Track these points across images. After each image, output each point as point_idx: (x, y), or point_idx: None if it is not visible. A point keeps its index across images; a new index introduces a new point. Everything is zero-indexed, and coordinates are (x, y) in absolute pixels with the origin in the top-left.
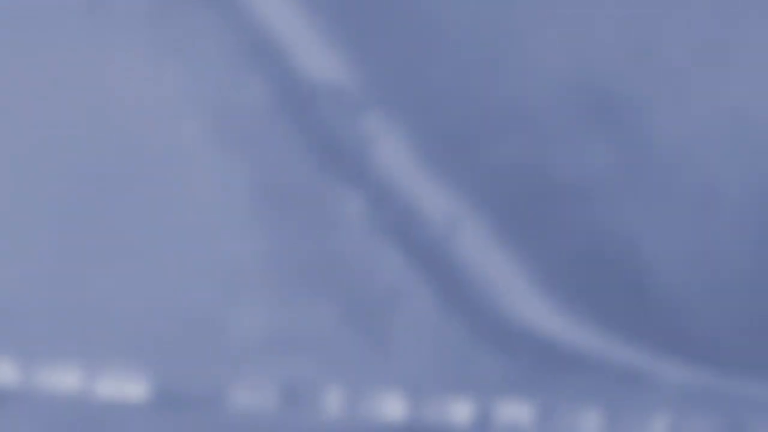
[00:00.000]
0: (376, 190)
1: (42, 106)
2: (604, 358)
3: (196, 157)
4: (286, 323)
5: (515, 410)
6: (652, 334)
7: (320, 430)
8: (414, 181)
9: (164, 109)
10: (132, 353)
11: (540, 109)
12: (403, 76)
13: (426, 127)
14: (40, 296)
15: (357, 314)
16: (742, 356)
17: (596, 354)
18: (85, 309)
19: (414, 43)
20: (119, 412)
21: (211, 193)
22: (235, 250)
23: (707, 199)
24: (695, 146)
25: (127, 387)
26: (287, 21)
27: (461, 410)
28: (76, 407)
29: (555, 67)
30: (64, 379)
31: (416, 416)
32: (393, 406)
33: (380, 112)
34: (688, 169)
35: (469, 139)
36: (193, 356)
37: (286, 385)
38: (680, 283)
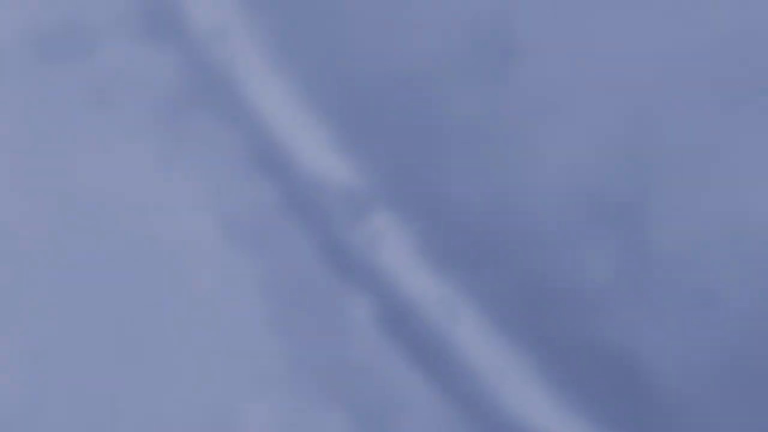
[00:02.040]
0: (383, 292)
1: (48, 204)
2: None
3: (206, 259)
4: (296, 425)
5: None
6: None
7: None
8: (419, 281)
9: (172, 210)
10: None
11: (541, 213)
12: (408, 177)
13: (431, 226)
14: (52, 400)
15: (365, 416)
16: None
17: None
18: (99, 411)
19: (419, 144)
20: None
21: (221, 295)
22: (245, 353)
23: (707, 305)
24: (695, 252)
25: None
26: (294, 122)
27: None
28: None
29: (555, 172)
30: None
31: None
32: None
33: (386, 212)
34: (689, 275)
35: (472, 241)
36: None
37: None
38: (679, 386)
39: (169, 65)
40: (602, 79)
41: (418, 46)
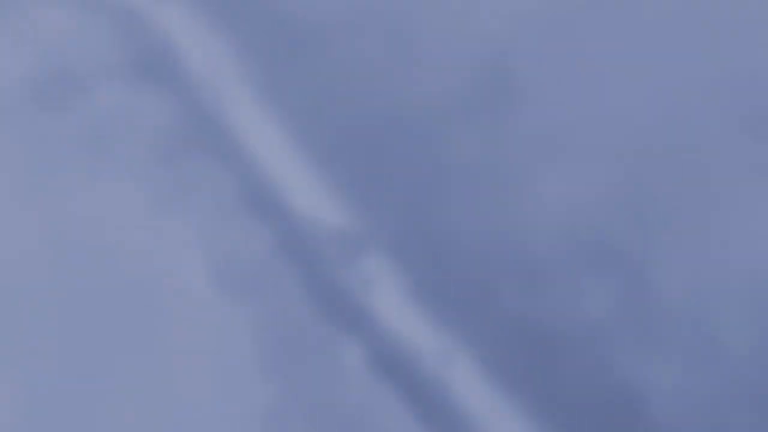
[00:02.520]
0: (376, 336)
1: (42, 248)
2: None
3: (197, 304)
4: None
5: None
6: None
7: None
8: (413, 325)
9: (165, 254)
10: None
11: (540, 256)
12: (403, 220)
13: (426, 270)
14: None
15: None
16: None
17: None
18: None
19: (414, 186)
20: None
21: (213, 340)
22: (237, 397)
23: (707, 346)
24: (695, 295)
25: None
26: (287, 164)
27: None
28: None
29: (554, 215)
30: None
31: None
32: None
33: (380, 255)
34: (688, 318)
35: (469, 283)
36: None
37: None
38: (679, 423)
39: (163, 110)
40: (603, 121)
41: (414, 88)
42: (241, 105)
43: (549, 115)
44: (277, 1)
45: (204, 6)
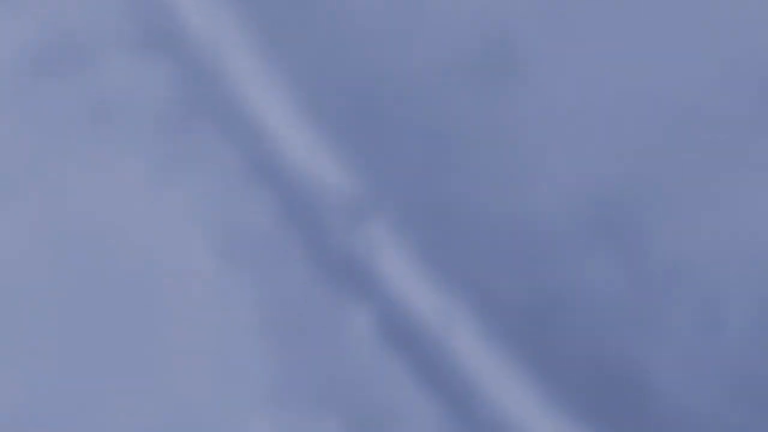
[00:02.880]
0: (382, 302)
1: (44, 220)
2: None
3: (203, 274)
4: None
5: None
6: None
7: None
8: (419, 291)
9: (169, 225)
10: None
11: (543, 224)
12: (408, 186)
13: (431, 236)
14: (48, 410)
15: (362, 428)
16: None
17: None
18: (93, 425)
19: (419, 152)
20: None
21: (219, 310)
22: (244, 367)
23: (710, 319)
24: (697, 264)
25: None
26: (292, 131)
27: None
28: None
29: (558, 183)
30: None
31: None
32: None
33: (386, 221)
34: (689, 287)
35: (475, 250)
36: None
37: None
38: (682, 398)
39: (166, 78)
40: (606, 94)
41: (420, 55)
42: (247, 72)
43: (553, 83)
44: None
45: None
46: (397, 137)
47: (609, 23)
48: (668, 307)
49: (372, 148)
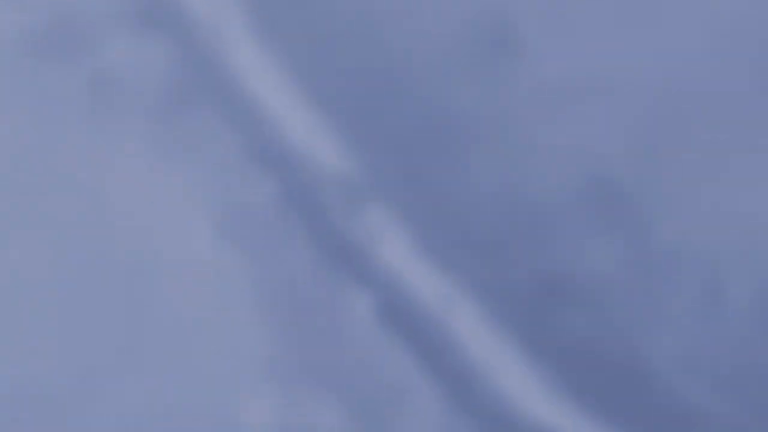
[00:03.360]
0: (382, 286)
1: (45, 199)
2: None
3: (202, 257)
4: (295, 420)
5: None
6: (654, 429)
7: None
8: (418, 275)
9: (168, 207)
10: None
11: (543, 207)
12: (408, 170)
13: (431, 219)
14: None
15: (363, 411)
16: None
17: None
18: (94, 401)
19: (419, 136)
20: None
21: (218, 293)
22: (243, 348)
23: (710, 300)
24: (699, 247)
25: None
26: (292, 114)
27: None
28: None
29: (557, 167)
30: None
31: None
32: None
33: (386, 205)
34: (689, 270)
35: (476, 233)
36: None
37: None
38: (681, 381)
39: (166, 60)
40: (605, 73)
41: (420, 39)
42: (246, 54)
43: (551, 66)
44: None
45: None
46: (396, 121)
47: (609, 5)
48: (668, 291)
49: (371, 131)
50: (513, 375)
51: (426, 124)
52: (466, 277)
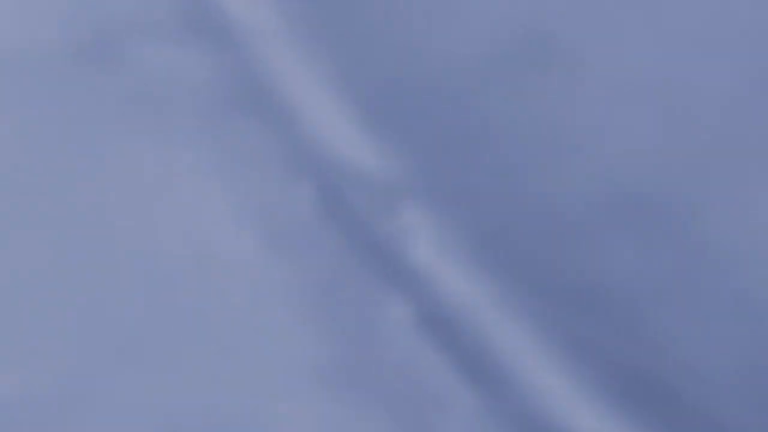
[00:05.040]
0: (419, 291)
1: (86, 208)
2: None
3: (242, 263)
4: (336, 425)
5: None
6: None
7: None
8: (454, 279)
9: (208, 212)
10: None
11: (577, 208)
12: (443, 173)
13: (466, 223)
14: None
15: (402, 416)
16: None
17: None
18: (137, 404)
19: (454, 139)
20: None
21: (258, 299)
22: (283, 354)
23: (739, 305)
24: (732, 251)
25: None
26: (331, 119)
27: None
28: None
29: (594, 169)
30: None
31: None
32: None
33: (422, 208)
34: (724, 275)
35: (510, 236)
36: None
37: None
38: (715, 391)
39: (207, 68)
40: (640, 80)
41: (459, 45)
42: (288, 61)
43: (586, 73)
44: None
45: None
46: (435, 127)
47: (644, 16)
48: (703, 296)
49: (410, 137)
50: (550, 377)
51: (464, 129)
52: (504, 282)
